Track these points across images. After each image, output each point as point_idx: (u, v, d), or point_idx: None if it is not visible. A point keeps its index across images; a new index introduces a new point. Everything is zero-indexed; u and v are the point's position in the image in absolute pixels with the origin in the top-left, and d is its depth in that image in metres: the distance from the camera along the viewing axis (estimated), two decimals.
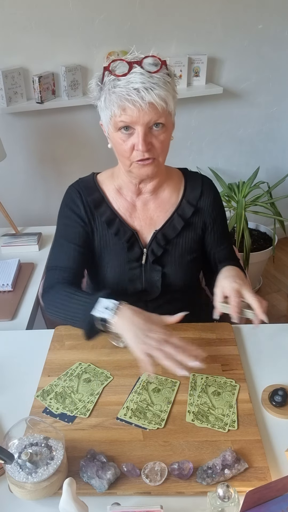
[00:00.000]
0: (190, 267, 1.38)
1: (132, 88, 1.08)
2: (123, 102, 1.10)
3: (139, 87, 1.08)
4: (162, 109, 1.12)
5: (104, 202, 1.32)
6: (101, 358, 1.21)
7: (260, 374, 1.17)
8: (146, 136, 1.14)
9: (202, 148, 2.84)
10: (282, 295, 2.88)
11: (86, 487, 0.89)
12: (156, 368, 1.16)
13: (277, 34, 2.64)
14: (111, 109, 1.13)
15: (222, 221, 1.41)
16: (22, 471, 0.87)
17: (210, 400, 1.07)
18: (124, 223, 1.32)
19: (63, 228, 1.34)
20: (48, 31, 2.20)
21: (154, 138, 1.16)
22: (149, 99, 1.09)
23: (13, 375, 1.18)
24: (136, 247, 1.33)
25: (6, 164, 2.27)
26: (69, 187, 1.37)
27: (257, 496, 0.81)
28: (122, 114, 1.12)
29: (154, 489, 0.89)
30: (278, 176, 2.87)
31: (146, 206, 1.34)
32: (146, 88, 1.08)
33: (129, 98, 1.09)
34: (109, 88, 1.12)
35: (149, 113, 1.11)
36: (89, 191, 1.33)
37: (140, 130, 1.13)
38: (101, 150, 2.52)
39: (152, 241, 1.33)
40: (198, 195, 1.35)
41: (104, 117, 1.18)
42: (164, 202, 1.34)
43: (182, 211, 1.34)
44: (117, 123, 1.14)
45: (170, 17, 2.38)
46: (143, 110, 1.10)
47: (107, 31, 2.30)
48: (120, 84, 1.10)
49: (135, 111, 1.10)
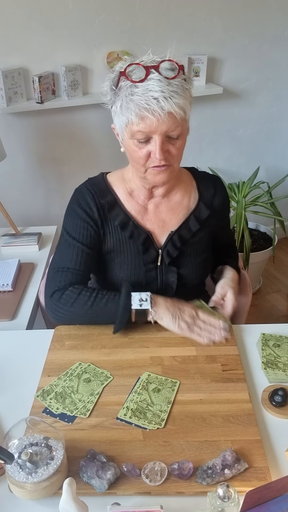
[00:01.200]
0: (203, 265, 1.40)
1: (152, 97, 1.06)
2: (142, 112, 1.07)
3: (158, 97, 1.06)
4: (181, 118, 1.11)
5: (117, 205, 1.30)
6: (101, 358, 1.21)
7: (260, 374, 1.17)
8: (163, 144, 1.13)
9: (202, 148, 2.84)
10: (282, 295, 2.88)
11: (86, 487, 0.89)
12: (156, 368, 1.16)
13: (277, 34, 2.64)
14: (128, 116, 1.10)
15: (227, 216, 1.49)
16: (22, 471, 0.87)
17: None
18: (138, 225, 1.31)
19: (74, 227, 1.30)
20: (48, 31, 2.21)
21: (171, 146, 1.15)
22: (168, 108, 1.07)
23: (13, 375, 1.18)
24: (152, 249, 1.32)
25: (6, 164, 2.27)
26: (80, 186, 1.33)
27: (257, 496, 0.81)
28: (140, 123, 1.10)
29: (154, 489, 0.89)
30: (278, 176, 2.87)
31: (158, 209, 1.33)
32: (166, 98, 1.06)
33: (148, 107, 1.06)
34: (126, 94, 1.09)
35: (167, 123, 1.09)
36: (102, 193, 1.30)
37: (157, 139, 1.11)
38: (101, 150, 2.53)
39: (167, 242, 1.32)
40: (212, 195, 1.36)
41: (118, 122, 1.16)
42: (176, 205, 1.34)
43: (198, 213, 1.34)
44: (134, 132, 1.12)
45: (170, 17, 2.38)
46: (161, 120, 1.08)
47: (107, 31, 2.30)
48: (138, 91, 1.07)
49: (154, 121, 1.08)
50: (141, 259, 1.32)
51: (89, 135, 2.50)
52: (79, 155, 2.56)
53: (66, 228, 1.32)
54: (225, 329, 1.24)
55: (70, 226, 1.31)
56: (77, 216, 1.30)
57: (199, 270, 1.39)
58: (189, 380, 1.14)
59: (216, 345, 1.24)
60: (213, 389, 1.10)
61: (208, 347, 1.23)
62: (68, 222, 1.32)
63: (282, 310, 2.75)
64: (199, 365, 1.18)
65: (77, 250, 1.29)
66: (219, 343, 1.24)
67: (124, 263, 1.33)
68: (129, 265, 1.33)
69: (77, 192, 1.32)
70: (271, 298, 2.84)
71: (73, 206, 1.31)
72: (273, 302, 2.82)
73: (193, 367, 1.17)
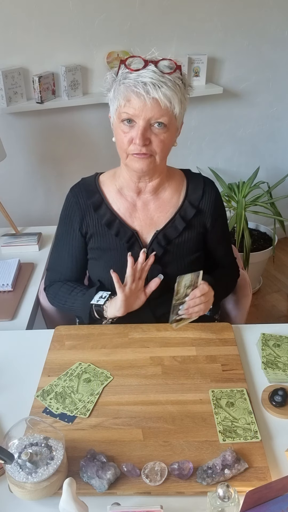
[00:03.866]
0: (191, 267, 1.37)
1: (140, 81, 1.11)
2: (128, 93, 1.13)
3: (147, 81, 1.11)
4: (165, 108, 1.14)
5: (104, 204, 1.34)
6: (101, 358, 1.21)
7: (260, 374, 1.17)
8: (146, 131, 1.16)
9: (202, 148, 2.84)
10: (282, 295, 2.88)
11: (86, 487, 0.89)
12: (156, 368, 1.16)
13: (277, 34, 2.64)
14: (118, 99, 1.15)
15: (223, 223, 1.44)
16: (22, 471, 0.87)
17: (229, 413, 1.05)
18: (124, 223, 1.33)
19: (62, 234, 1.41)
20: (48, 31, 2.20)
21: (153, 135, 1.17)
22: (153, 94, 1.11)
23: (13, 375, 1.18)
24: (136, 247, 1.33)
25: (6, 164, 2.27)
26: (70, 189, 1.39)
27: (257, 496, 0.81)
28: (126, 105, 1.14)
29: (154, 489, 0.89)
30: (278, 176, 2.87)
31: (147, 207, 1.34)
32: (154, 84, 1.11)
33: (135, 90, 1.11)
34: (120, 79, 1.15)
35: (152, 109, 1.13)
36: (89, 193, 1.35)
37: (140, 124, 1.15)
38: (101, 150, 2.52)
39: (152, 241, 1.33)
40: (199, 196, 1.36)
41: (111, 107, 1.21)
42: (165, 203, 1.35)
43: (184, 212, 1.34)
44: (121, 114, 1.16)
45: (170, 17, 2.38)
46: (146, 105, 1.12)
47: (107, 31, 2.30)
48: (130, 77, 1.13)
49: (139, 104, 1.12)
50: (126, 257, 1.32)
51: (89, 135, 2.50)
52: (79, 155, 2.56)
53: (57, 230, 1.43)
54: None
55: (59, 230, 1.42)
56: (64, 222, 1.39)
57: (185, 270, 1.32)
58: (189, 380, 1.14)
59: (216, 345, 1.24)
60: (213, 389, 1.10)
61: (208, 347, 1.23)
62: (58, 225, 1.42)
63: (282, 310, 2.75)
64: (199, 365, 1.18)
65: (65, 260, 1.41)
66: (220, 345, 1.24)
67: (111, 260, 1.36)
68: (116, 262, 1.34)
69: (67, 196, 1.39)
70: (271, 298, 2.84)
71: (62, 211, 1.40)
72: (273, 302, 2.82)
73: (193, 367, 1.17)
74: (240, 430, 1.00)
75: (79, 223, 1.36)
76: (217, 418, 1.03)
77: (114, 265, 1.33)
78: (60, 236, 1.42)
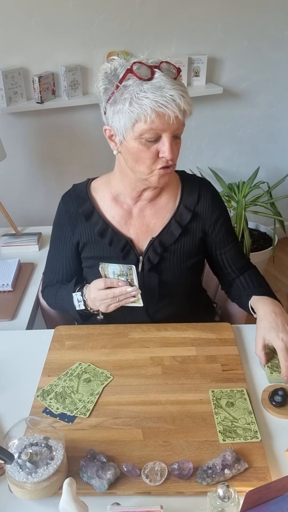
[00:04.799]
0: (189, 272, 1.35)
1: (168, 94, 1.05)
2: (161, 108, 1.05)
3: (174, 94, 1.05)
4: (186, 117, 1.12)
5: (96, 212, 1.30)
6: (101, 358, 1.21)
7: (260, 374, 1.17)
8: (172, 143, 1.13)
9: (202, 148, 2.84)
10: (282, 295, 2.87)
11: (86, 487, 0.89)
12: (156, 368, 1.16)
13: (277, 34, 2.64)
14: (141, 113, 1.07)
15: (225, 221, 1.35)
16: (22, 471, 0.87)
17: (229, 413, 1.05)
18: (118, 232, 1.29)
19: (55, 242, 1.40)
20: (48, 31, 2.20)
21: (174, 145, 1.14)
22: (183, 106, 1.07)
23: (13, 375, 1.18)
24: (132, 255, 1.30)
25: (6, 164, 2.27)
26: (62, 196, 1.37)
27: (257, 496, 0.81)
28: (156, 121, 1.07)
29: (154, 489, 0.89)
30: (278, 176, 2.87)
31: (142, 213, 1.30)
32: (180, 95, 1.06)
33: (167, 105, 1.05)
34: (137, 91, 1.06)
35: (179, 122, 1.10)
36: (79, 201, 1.32)
37: (168, 137, 1.10)
38: (101, 150, 2.52)
39: (148, 248, 1.29)
40: (195, 200, 1.31)
41: (121, 121, 1.11)
42: (161, 209, 1.31)
43: (179, 217, 1.30)
44: (144, 130, 1.09)
45: (170, 17, 2.38)
46: (177, 118, 1.08)
47: (107, 31, 2.30)
48: (150, 88, 1.05)
49: (171, 118, 1.07)
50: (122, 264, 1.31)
51: (89, 135, 2.50)
52: (79, 155, 2.56)
53: (51, 236, 1.42)
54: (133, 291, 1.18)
55: (52, 236, 1.41)
56: (56, 229, 1.38)
57: (183, 276, 1.33)
58: (189, 380, 1.14)
59: (216, 345, 1.24)
60: (213, 389, 1.10)
61: (208, 347, 1.23)
62: (52, 231, 1.41)
63: None
64: (199, 365, 1.18)
65: (59, 266, 1.40)
66: (220, 345, 1.24)
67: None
68: None
69: (59, 204, 1.37)
70: None
71: (55, 218, 1.38)
72: None
73: (193, 367, 1.17)
74: (240, 430, 1.00)
75: (70, 232, 1.33)
76: (217, 418, 1.03)
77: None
78: (53, 244, 1.40)
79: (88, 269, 1.37)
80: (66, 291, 1.33)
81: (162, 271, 1.31)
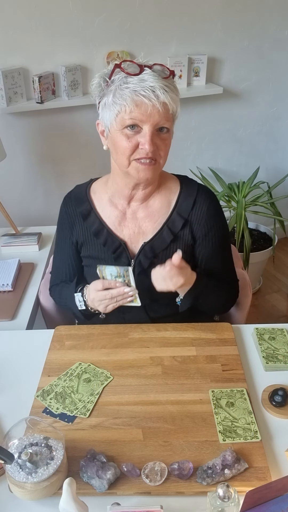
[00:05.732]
0: None
1: (148, 85, 1.08)
2: (138, 97, 1.09)
3: (154, 86, 1.08)
4: (172, 113, 1.13)
5: (93, 212, 1.33)
6: (101, 358, 1.21)
7: (260, 374, 1.17)
8: (153, 136, 1.13)
9: (202, 148, 2.84)
10: (282, 295, 2.88)
11: (86, 487, 0.89)
12: (156, 368, 1.16)
13: (277, 34, 2.64)
14: (122, 104, 1.10)
15: (216, 236, 1.31)
16: (22, 471, 0.87)
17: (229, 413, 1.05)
18: (112, 233, 1.31)
19: (59, 240, 1.43)
20: (48, 31, 2.20)
21: (159, 140, 1.15)
22: (163, 99, 1.09)
23: (13, 375, 1.18)
24: (123, 258, 1.31)
25: (6, 164, 2.27)
26: (64, 197, 1.39)
27: (257, 496, 0.81)
28: (134, 110, 1.10)
29: (154, 489, 0.89)
30: (278, 176, 2.87)
31: (135, 215, 1.31)
32: (161, 88, 1.08)
33: (145, 94, 1.08)
34: (120, 84, 1.11)
35: (160, 114, 1.11)
36: (78, 202, 1.35)
37: (148, 129, 1.12)
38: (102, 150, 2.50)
39: (140, 253, 1.30)
40: (190, 207, 1.29)
41: (107, 114, 1.15)
42: (154, 212, 1.30)
43: (172, 224, 1.29)
44: (125, 120, 1.12)
45: (170, 17, 2.38)
46: (155, 109, 1.09)
47: (107, 31, 2.30)
48: (133, 81, 1.10)
49: (149, 108, 1.09)
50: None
51: (89, 135, 2.50)
52: (79, 155, 2.56)
53: (55, 235, 1.46)
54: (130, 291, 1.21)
55: (56, 235, 1.44)
56: (59, 228, 1.41)
57: None
58: (189, 380, 1.14)
59: (216, 345, 1.24)
60: (213, 389, 1.10)
61: (208, 347, 1.23)
62: (56, 230, 1.44)
63: (282, 310, 2.75)
64: (199, 365, 1.18)
65: (63, 265, 1.42)
66: (220, 345, 1.24)
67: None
68: None
69: (61, 204, 1.39)
70: (271, 298, 2.84)
71: (58, 217, 1.41)
72: (273, 302, 2.82)
73: (193, 367, 1.17)
74: (240, 430, 1.00)
75: (69, 231, 1.37)
76: (217, 418, 1.03)
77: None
78: (57, 243, 1.44)
79: (87, 267, 1.40)
80: (68, 291, 1.35)
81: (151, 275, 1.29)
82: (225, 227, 1.36)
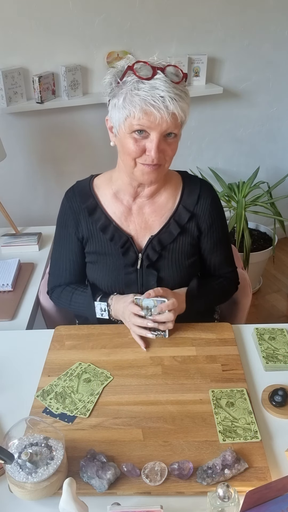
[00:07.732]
0: (187, 271, 1.36)
1: (158, 95, 1.08)
2: (147, 107, 1.09)
3: (165, 96, 1.08)
4: (181, 120, 1.14)
5: (99, 208, 1.33)
6: (101, 358, 1.21)
7: (260, 374, 1.17)
8: (160, 143, 1.14)
9: (202, 148, 2.84)
10: (282, 295, 2.88)
11: (86, 487, 0.89)
12: (156, 368, 1.16)
13: (277, 34, 2.64)
14: (131, 110, 1.11)
15: (219, 227, 1.38)
16: (22, 471, 0.87)
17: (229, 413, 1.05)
18: (119, 228, 1.32)
19: (60, 239, 1.41)
20: (48, 31, 2.20)
21: (166, 145, 1.16)
22: (172, 109, 1.09)
23: (13, 375, 1.18)
24: (131, 252, 1.32)
25: (6, 164, 2.27)
26: (66, 192, 1.38)
27: (257, 496, 0.81)
28: (143, 118, 1.10)
29: (154, 489, 0.89)
30: (278, 176, 2.87)
31: (142, 210, 1.33)
32: (171, 98, 1.08)
33: (154, 104, 1.08)
34: (131, 89, 1.10)
35: (168, 122, 1.11)
36: (83, 198, 1.34)
37: (155, 137, 1.13)
38: (101, 150, 2.52)
39: (147, 246, 1.32)
40: (195, 200, 1.33)
41: (116, 115, 1.16)
42: (160, 207, 1.33)
43: (178, 217, 1.32)
44: (133, 125, 1.12)
45: (170, 17, 2.38)
46: (164, 118, 1.10)
47: (107, 31, 2.30)
48: (144, 87, 1.09)
49: (158, 118, 1.10)
50: (121, 261, 1.33)
51: (89, 135, 2.50)
52: (79, 155, 2.56)
53: (55, 233, 1.43)
54: (165, 329, 1.24)
55: (56, 233, 1.42)
56: (60, 225, 1.39)
57: (181, 275, 1.35)
58: (189, 380, 1.14)
59: (216, 345, 1.24)
60: (213, 389, 1.10)
61: (208, 347, 1.23)
62: (56, 228, 1.42)
63: (282, 310, 2.75)
64: (199, 365, 1.18)
65: (63, 263, 1.41)
66: (220, 345, 1.24)
67: (106, 265, 1.35)
68: (110, 266, 1.34)
69: (62, 200, 1.38)
70: (271, 298, 2.84)
71: (59, 215, 1.40)
72: (273, 302, 2.82)
73: (193, 367, 1.17)
74: (240, 430, 1.00)
75: (74, 227, 1.35)
76: (217, 418, 1.03)
77: (110, 269, 1.34)
78: (58, 241, 1.42)
79: (91, 264, 1.39)
80: (83, 298, 1.36)
81: (160, 268, 1.34)
82: (224, 218, 1.42)
